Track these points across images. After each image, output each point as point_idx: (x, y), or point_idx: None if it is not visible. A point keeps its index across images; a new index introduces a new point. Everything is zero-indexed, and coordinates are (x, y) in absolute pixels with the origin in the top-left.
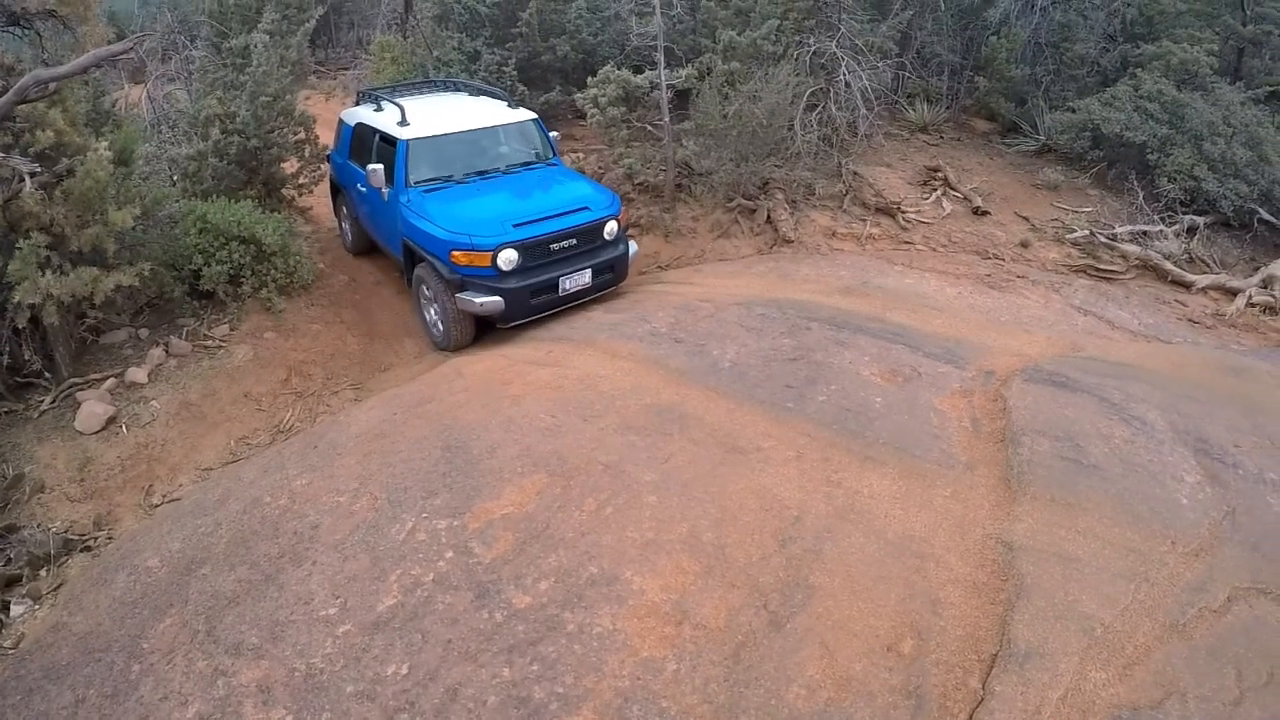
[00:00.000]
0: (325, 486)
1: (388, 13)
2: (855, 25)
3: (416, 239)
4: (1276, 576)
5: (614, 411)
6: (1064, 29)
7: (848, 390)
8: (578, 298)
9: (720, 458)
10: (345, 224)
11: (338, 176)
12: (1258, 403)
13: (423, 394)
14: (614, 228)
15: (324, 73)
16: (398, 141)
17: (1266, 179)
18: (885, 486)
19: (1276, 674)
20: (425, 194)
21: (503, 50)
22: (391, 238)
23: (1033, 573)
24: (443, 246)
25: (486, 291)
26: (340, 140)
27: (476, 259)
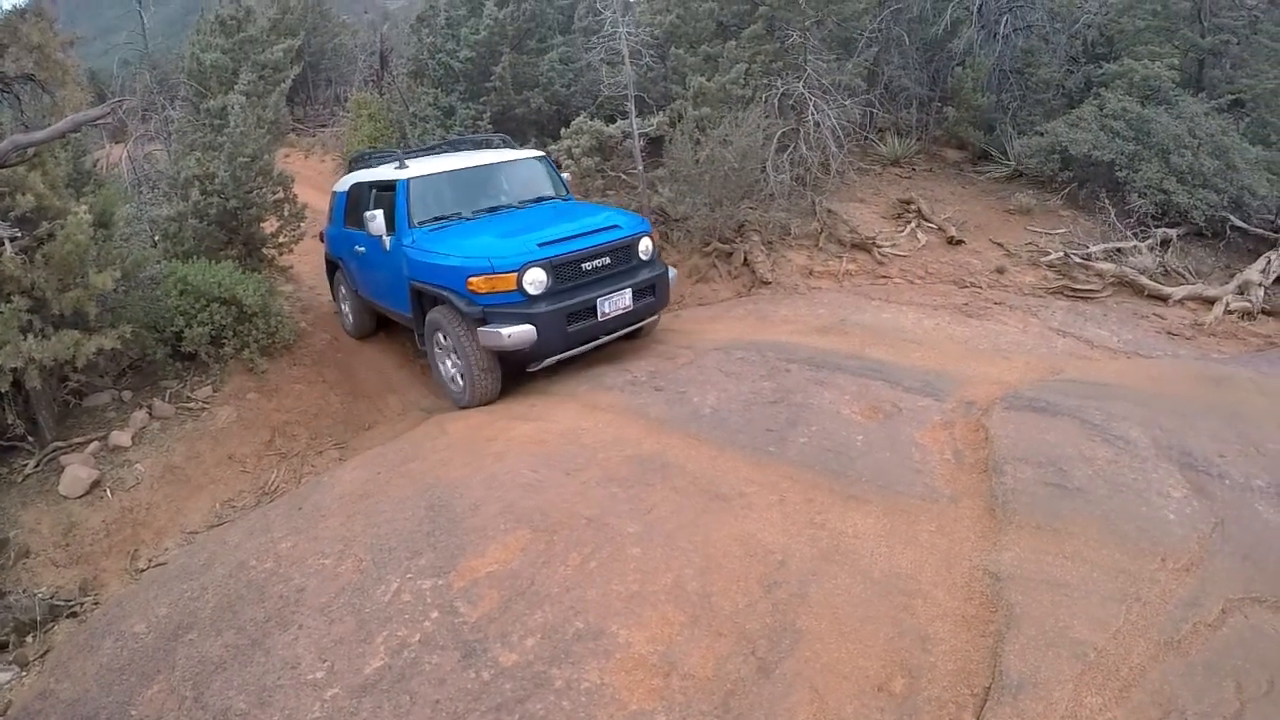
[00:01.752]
0: (310, 549)
1: (364, 69)
2: (822, 65)
3: (426, 277)
4: (1270, 584)
5: (596, 464)
6: (1027, 55)
7: (828, 430)
8: (620, 326)
9: (703, 506)
10: (344, 305)
11: (333, 250)
12: (1240, 410)
13: (406, 452)
14: (649, 246)
15: (303, 130)
16: (397, 183)
17: (1235, 186)
18: (869, 525)
19: (1277, 682)
20: (431, 231)
21: (477, 104)
22: (396, 290)
23: (1022, 602)
24: (457, 276)
25: (513, 321)
26: (334, 211)
27: (499, 283)
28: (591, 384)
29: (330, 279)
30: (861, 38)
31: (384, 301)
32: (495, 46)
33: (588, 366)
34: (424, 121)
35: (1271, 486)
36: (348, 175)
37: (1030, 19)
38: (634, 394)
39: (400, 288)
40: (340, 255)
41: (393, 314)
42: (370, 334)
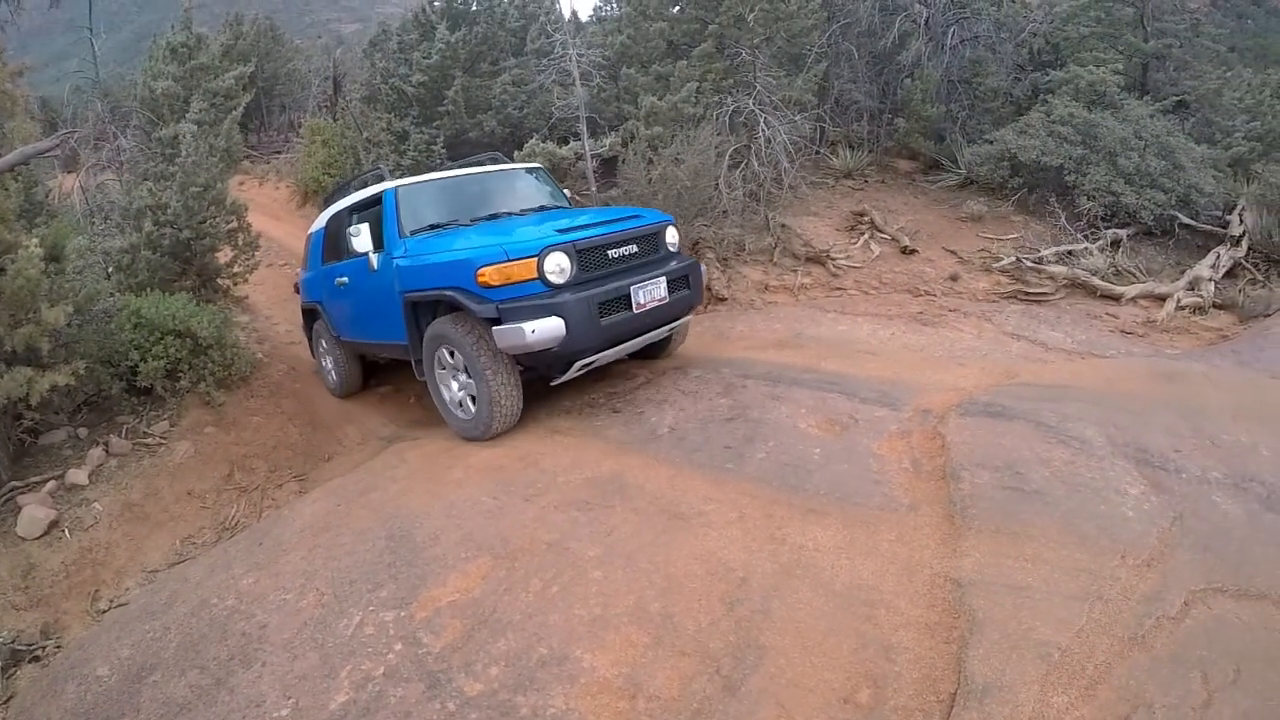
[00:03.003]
0: (272, 584)
1: (318, 95)
2: (772, 81)
3: (423, 283)
4: (1231, 573)
5: (555, 488)
6: (975, 65)
7: (786, 445)
8: (656, 323)
9: (663, 526)
10: (326, 359)
11: (310, 296)
12: (1194, 405)
13: (366, 483)
14: (675, 237)
15: (257, 157)
16: (384, 194)
17: (1182, 185)
18: (830, 538)
19: (1244, 669)
20: (426, 237)
21: (430, 129)
22: (386, 314)
23: (984, 606)
24: (464, 270)
25: (536, 315)
26: (310, 254)
27: (516, 271)
28: (549, 407)
29: (308, 332)
30: (811, 53)
31: (372, 335)
32: (448, 70)
33: (546, 390)
34: (378, 147)
35: (1228, 478)
36: (322, 214)
37: (977, 30)
38: (592, 415)
39: (391, 310)
40: (319, 299)
41: (383, 349)
42: (358, 388)
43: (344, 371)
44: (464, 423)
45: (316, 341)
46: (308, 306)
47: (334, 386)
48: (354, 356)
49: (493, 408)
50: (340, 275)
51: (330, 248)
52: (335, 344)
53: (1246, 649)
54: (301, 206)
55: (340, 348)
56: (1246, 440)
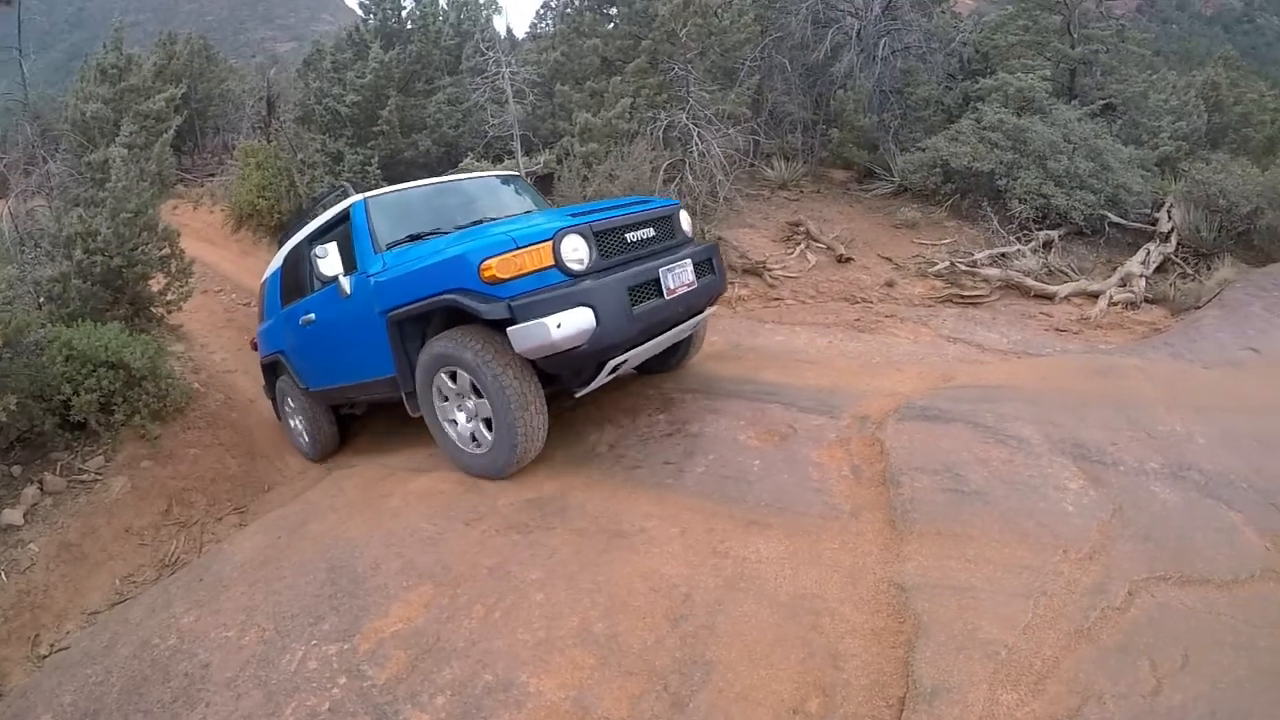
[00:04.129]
0: (213, 622)
1: (252, 116)
2: (705, 96)
3: (410, 293)
4: (1173, 560)
5: (496, 512)
6: (906, 75)
7: (726, 458)
8: (688, 312)
9: (605, 544)
10: (296, 419)
11: (270, 346)
12: (1128, 398)
13: (305, 514)
14: (689, 222)
15: (190, 180)
16: (351, 208)
17: (1111, 185)
18: (772, 548)
19: (1191, 653)
20: (408, 247)
21: (365, 149)
22: (366, 346)
23: (929, 609)
24: (464, 267)
25: (559, 306)
26: (266, 301)
27: (528, 260)
28: None
29: (271, 391)
30: (744, 67)
31: (350, 375)
32: (382, 90)
33: None
34: (312, 169)
35: (1165, 468)
36: (277, 254)
37: (908, 40)
38: None
39: (371, 338)
40: (280, 348)
41: (365, 390)
42: (335, 448)
43: (317, 430)
44: (480, 458)
45: (281, 401)
46: (268, 360)
47: (307, 450)
48: (326, 410)
49: (517, 431)
50: (305, 313)
51: (290, 287)
52: (304, 398)
53: (1193, 634)
54: (236, 231)
55: (310, 402)
56: (1182, 430)
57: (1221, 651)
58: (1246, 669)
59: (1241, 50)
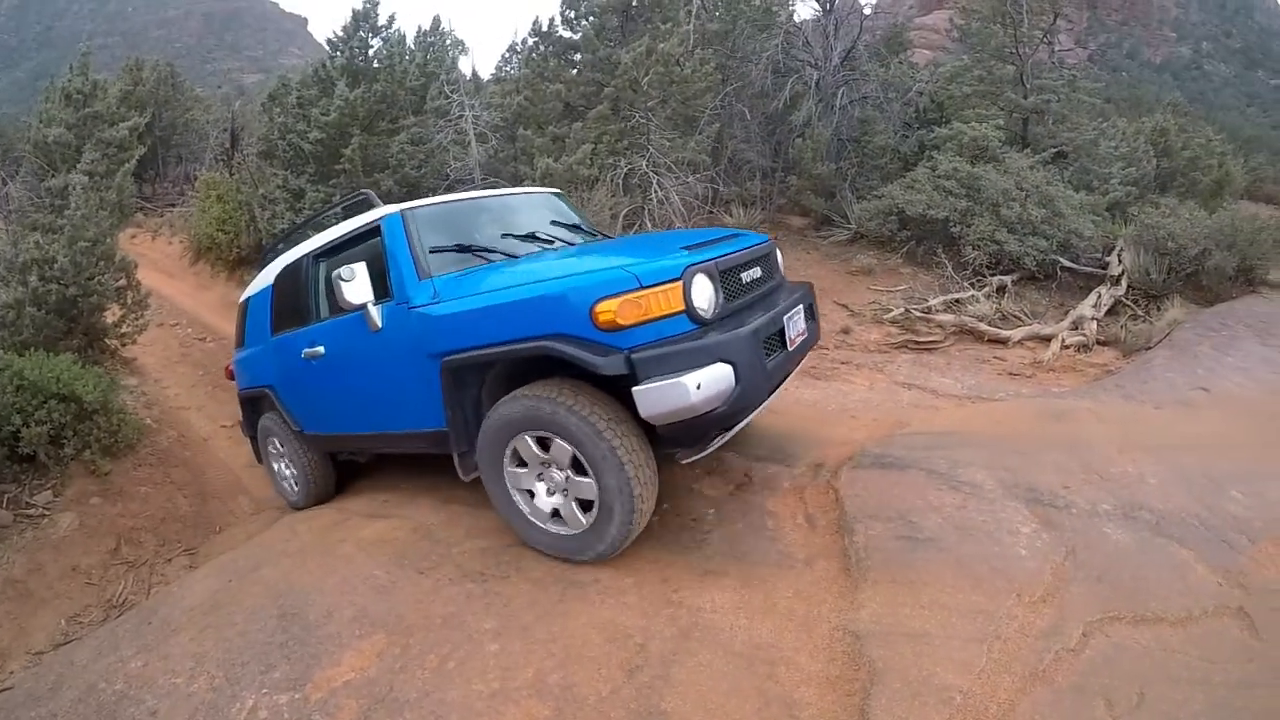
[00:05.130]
0: (161, 667)
1: (215, 147)
2: (665, 143)
3: (482, 335)
4: (1127, 600)
5: (449, 560)
6: (863, 124)
7: (680, 506)
8: (796, 364)
9: (560, 594)
10: (282, 463)
11: (253, 379)
12: (1081, 440)
13: (257, 558)
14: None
15: (151, 209)
16: (382, 222)
17: (1063, 230)
18: (727, 598)
19: (1147, 691)
20: (464, 276)
21: (327, 187)
22: (404, 386)
23: (884, 656)
24: (574, 307)
25: (692, 362)
26: (248, 326)
27: (655, 303)
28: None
29: (252, 429)
30: (705, 115)
31: (373, 423)
32: (346, 127)
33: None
34: (273, 204)
35: (1117, 509)
36: (263, 271)
37: (865, 90)
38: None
39: (411, 384)
40: (269, 382)
41: (389, 442)
42: (330, 495)
43: (310, 479)
44: (566, 540)
45: (265, 441)
46: (251, 394)
47: (295, 499)
48: (324, 457)
49: (633, 514)
50: (308, 344)
51: (284, 311)
52: (297, 443)
53: (1148, 672)
54: (194, 263)
55: (305, 447)
56: (1133, 470)
57: (1177, 688)
58: (1203, 703)
59: (1189, 97)
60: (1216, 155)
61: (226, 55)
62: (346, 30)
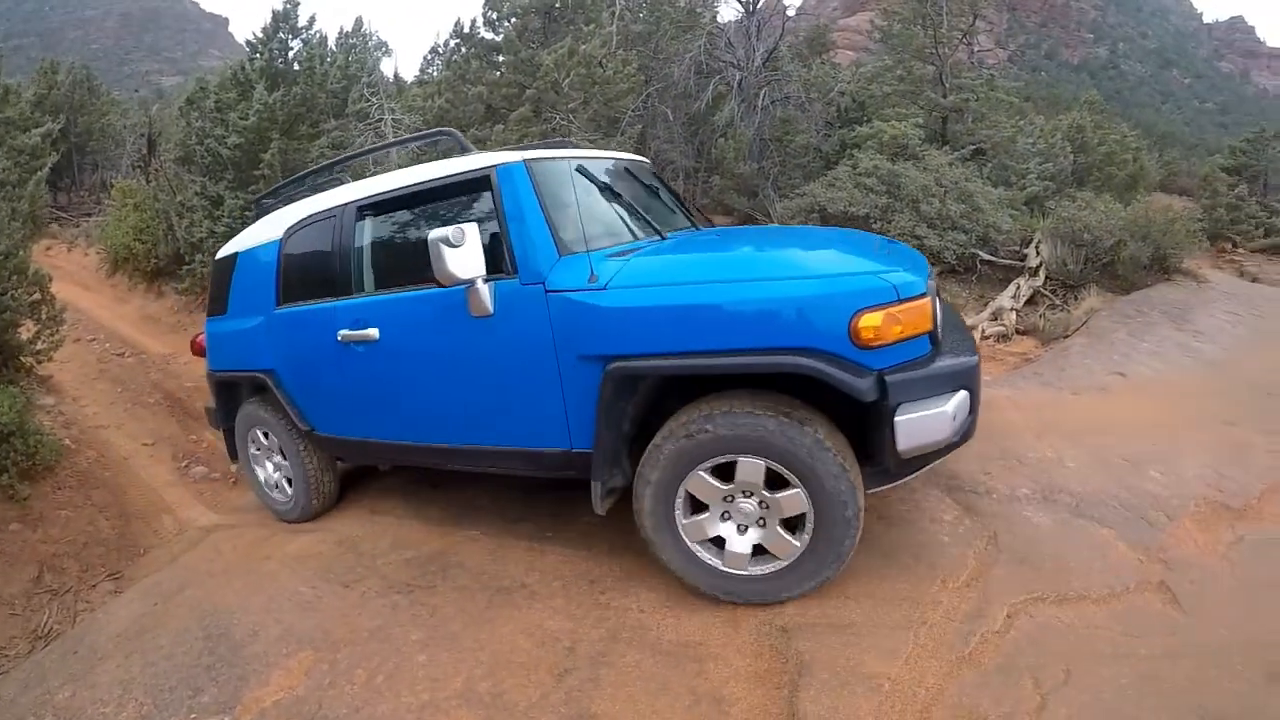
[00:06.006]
0: (89, 697)
1: (133, 153)
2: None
3: (703, 337)
4: (1048, 581)
5: (375, 572)
6: (785, 123)
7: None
8: None
9: (487, 601)
10: (269, 464)
11: (245, 360)
12: (1000, 428)
13: (182, 578)
14: None
15: (66, 219)
16: (499, 171)
17: (981, 225)
18: (654, 597)
19: (1074, 668)
20: (637, 256)
21: (246, 194)
22: (520, 392)
23: (811, 648)
24: (831, 316)
25: (948, 387)
26: (238, 288)
27: (910, 318)
28: (366, 487)
29: (227, 418)
30: (627, 116)
31: (448, 434)
32: (265, 132)
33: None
34: (191, 212)
35: (1037, 493)
36: (261, 222)
37: (788, 90)
38: (412, 493)
39: (533, 388)
40: (269, 365)
41: (473, 457)
42: (328, 507)
43: (313, 484)
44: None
45: (245, 438)
46: (231, 377)
47: (292, 510)
48: (330, 461)
49: (846, 544)
50: (352, 323)
51: (301, 277)
52: (301, 443)
53: (1073, 649)
54: (111, 275)
55: (313, 449)
56: (1052, 455)
57: (1103, 663)
58: (1130, 677)
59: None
60: (1131, 150)
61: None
62: (266, 32)
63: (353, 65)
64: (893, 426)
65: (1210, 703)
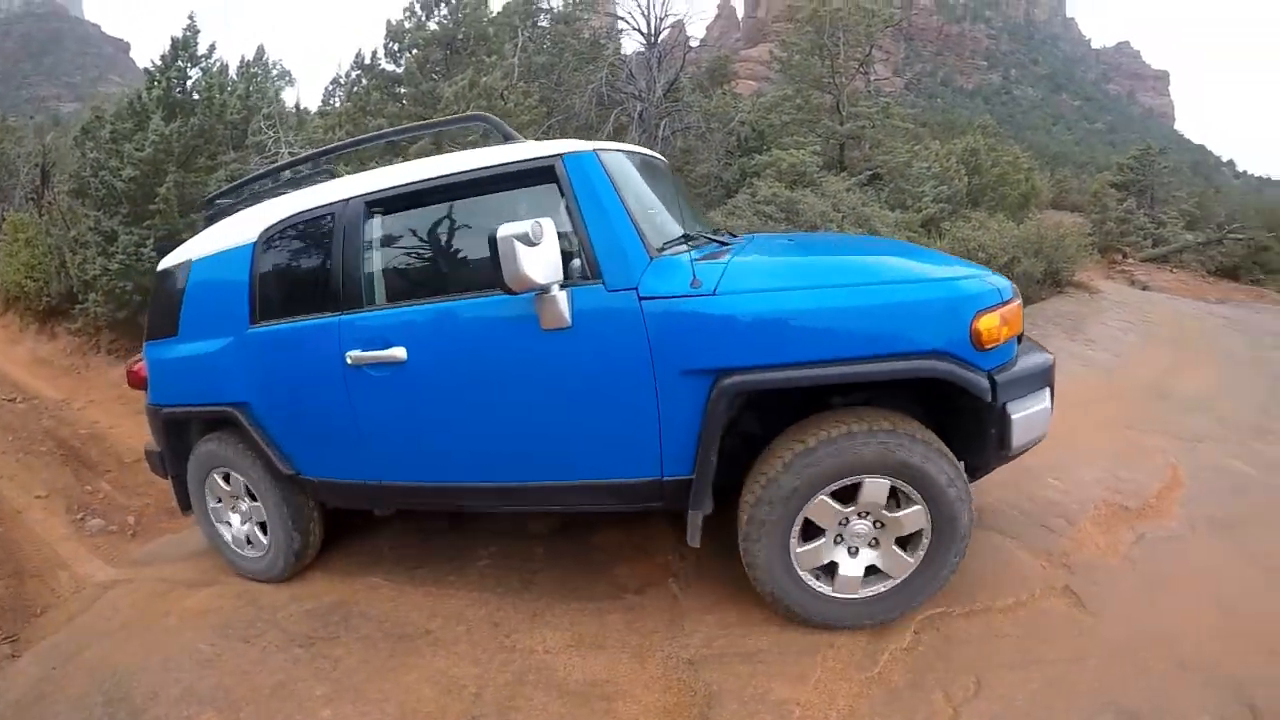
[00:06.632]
0: None
1: (26, 184)
2: None
3: (809, 348)
4: (953, 593)
5: (275, 626)
6: (686, 153)
7: (509, 549)
8: None
9: (390, 650)
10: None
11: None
12: None
13: (80, 639)
14: None
15: None
16: (568, 161)
17: None
18: (559, 637)
19: (984, 678)
20: (738, 257)
21: (141, 229)
22: (612, 417)
23: (718, 679)
24: (959, 316)
25: (1035, 385)
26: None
27: (1012, 320)
28: None
29: (176, 464)
30: None
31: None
32: (161, 164)
33: None
34: (84, 248)
35: None
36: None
37: (688, 120)
38: None
39: (626, 411)
40: (240, 398)
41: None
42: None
43: (297, 535)
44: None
45: (202, 486)
46: (185, 413)
47: (270, 567)
48: (318, 509)
49: (950, 561)
50: (368, 343)
51: (284, 289)
52: (281, 490)
53: (982, 660)
54: (2, 315)
55: (292, 494)
56: None
57: (1013, 671)
58: (1040, 682)
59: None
60: (1024, 171)
61: (44, 81)
62: (165, 59)
63: (253, 95)
64: (1008, 425)
65: (1121, 698)
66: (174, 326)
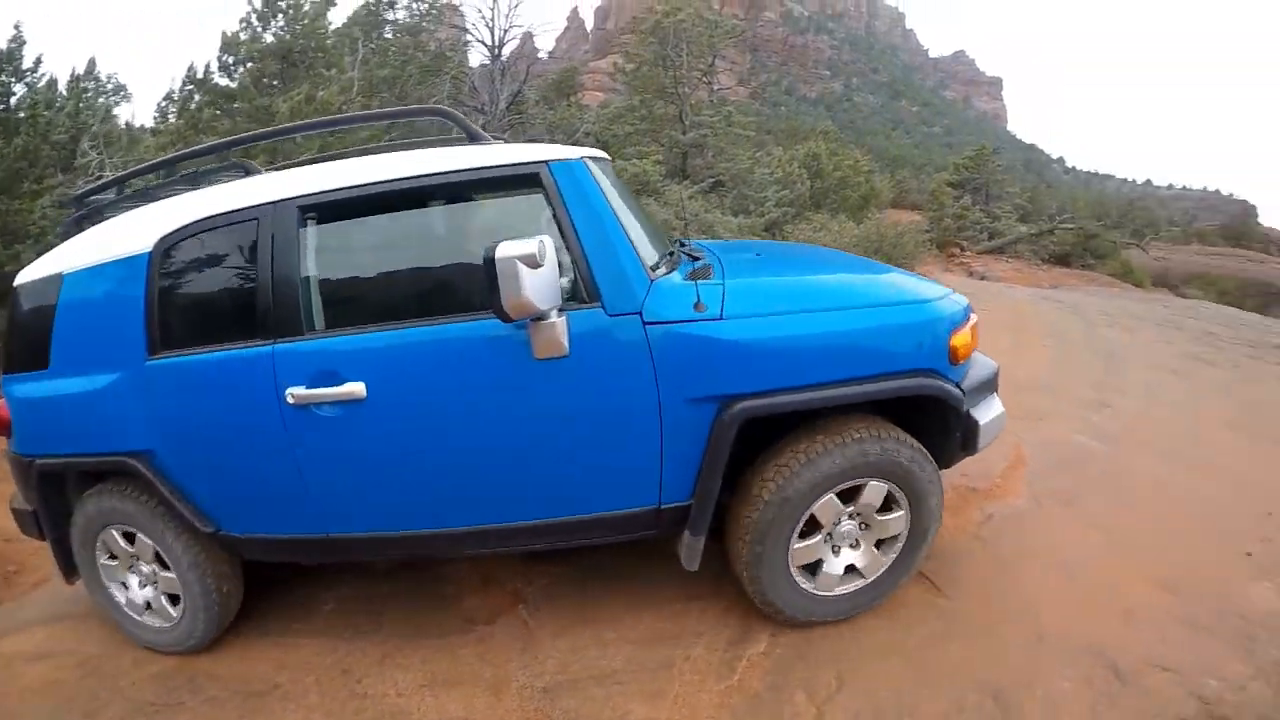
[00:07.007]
0: None
1: None
2: None
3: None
4: None
5: (119, 695)
6: None
7: (356, 590)
8: None
9: (239, 710)
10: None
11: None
12: None
13: None
14: None
15: None
16: (555, 168)
17: None
18: (411, 678)
19: (846, 673)
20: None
21: None
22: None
23: (575, 705)
24: (939, 334)
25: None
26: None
27: (975, 336)
28: None
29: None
30: None
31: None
32: None
33: None
34: None
35: None
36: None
37: (532, 133)
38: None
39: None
40: (141, 446)
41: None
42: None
43: (217, 598)
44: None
45: (94, 545)
46: (64, 464)
47: (182, 638)
48: (234, 566)
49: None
50: (316, 377)
51: (193, 313)
52: (201, 549)
53: (842, 655)
54: None
55: (217, 554)
56: None
57: (874, 662)
58: (902, 668)
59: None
60: (864, 173)
61: None
62: None
63: (84, 112)
64: (975, 429)
65: (986, 675)
66: (43, 358)
